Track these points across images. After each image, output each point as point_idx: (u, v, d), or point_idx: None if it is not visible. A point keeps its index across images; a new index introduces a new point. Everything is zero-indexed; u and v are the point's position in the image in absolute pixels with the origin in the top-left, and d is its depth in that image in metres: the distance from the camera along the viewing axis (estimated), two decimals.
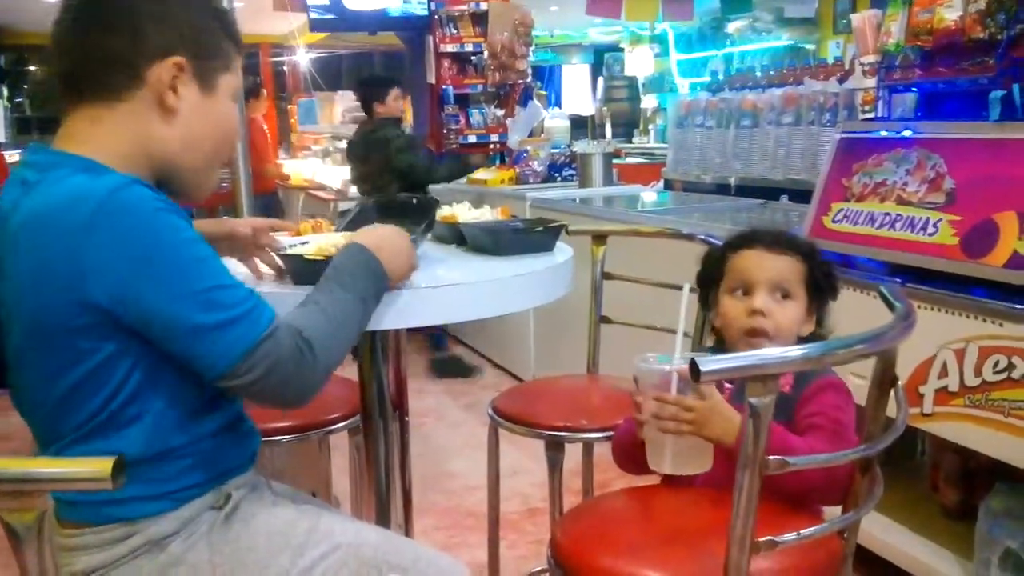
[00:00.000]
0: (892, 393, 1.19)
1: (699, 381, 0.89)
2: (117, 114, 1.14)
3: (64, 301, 1.05)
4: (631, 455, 1.42)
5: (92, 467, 0.80)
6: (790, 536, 1.05)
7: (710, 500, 1.30)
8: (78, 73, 1.15)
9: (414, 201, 1.56)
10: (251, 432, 1.31)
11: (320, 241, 1.44)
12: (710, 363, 0.90)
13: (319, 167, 7.17)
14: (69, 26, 1.15)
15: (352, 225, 1.68)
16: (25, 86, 11.35)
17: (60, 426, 1.12)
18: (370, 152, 4.59)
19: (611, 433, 1.82)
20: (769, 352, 0.97)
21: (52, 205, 1.06)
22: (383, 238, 1.30)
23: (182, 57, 1.15)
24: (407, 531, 1.72)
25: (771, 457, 0.96)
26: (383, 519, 1.67)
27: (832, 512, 1.27)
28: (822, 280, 1.45)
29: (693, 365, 0.89)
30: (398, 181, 4.54)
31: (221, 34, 1.21)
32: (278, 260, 1.44)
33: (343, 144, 7.06)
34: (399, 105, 4.80)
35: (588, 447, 2.14)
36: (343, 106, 7.27)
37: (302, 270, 1.33)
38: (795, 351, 0.99)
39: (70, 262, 1.03)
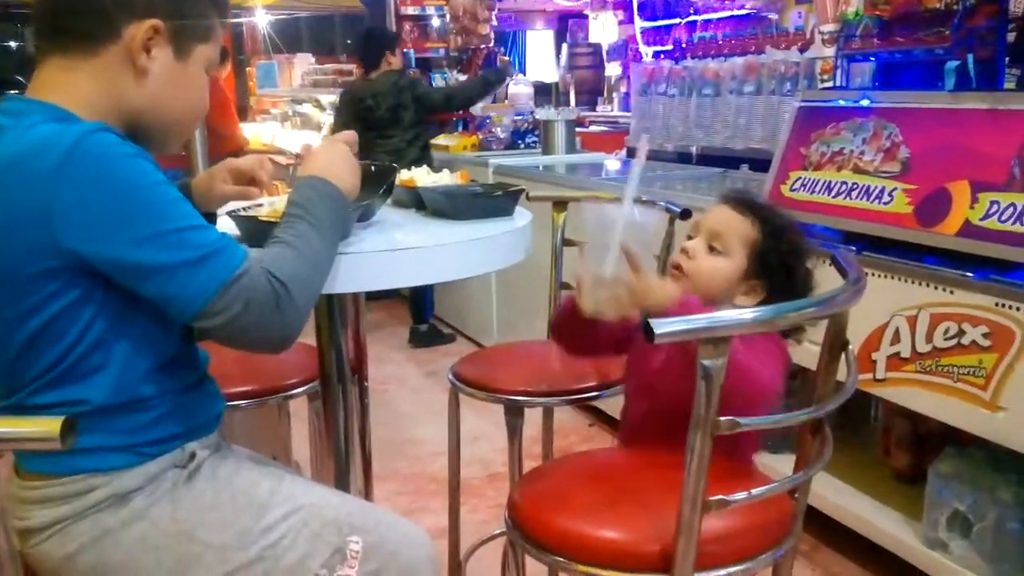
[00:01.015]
0: (843, 357, 1.21)
1: (652, 343, 0.90)
2: (89, 66, 1.15)
3: (32, 246, 1.05)
4: (568, 329, 1.49)
5: (41, 427, 0.79)
6: (741, 495, 1.07)
7: (665, 462, 1.31)
8: (57, 20, 1.16)
9: (372, 168, 1.54)
10: (216, 394, 1.31)
11: (275, 203, 1.43)
12: (663, 325, 0.91)
13: (278, 131, 7.06)
14: None
15: None
16: None
17: (23, 375, 1.12)
18: (401, 99, 4.37)
19: (571, 398, 1.84)
20: (722, 315, 0.98)
21: (21, 151, 1.06)
22: (324, 157, 1.31)
23: (161, 20, 1.15)
24: (367, 496, 1.72)
25: (722, 418, 0.98)
26: (343, 484, 1.67)
27: (783, 473, 1.30)
28: (772, 256, 1.41)
29: (647, 326, 0.90)
30: (453, 110, 4.58)
31: (208, 3, 1.22)
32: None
33: (303, 108, 6.96)
34: (400, 58, 4.74)
35: (548, 412, 2.16)
36: (302, 69, 7.15)
37: (256, 232, 1.32)
38: (747, 313, 1.00)
39: (39, 207, 1.04)
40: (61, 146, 1.04)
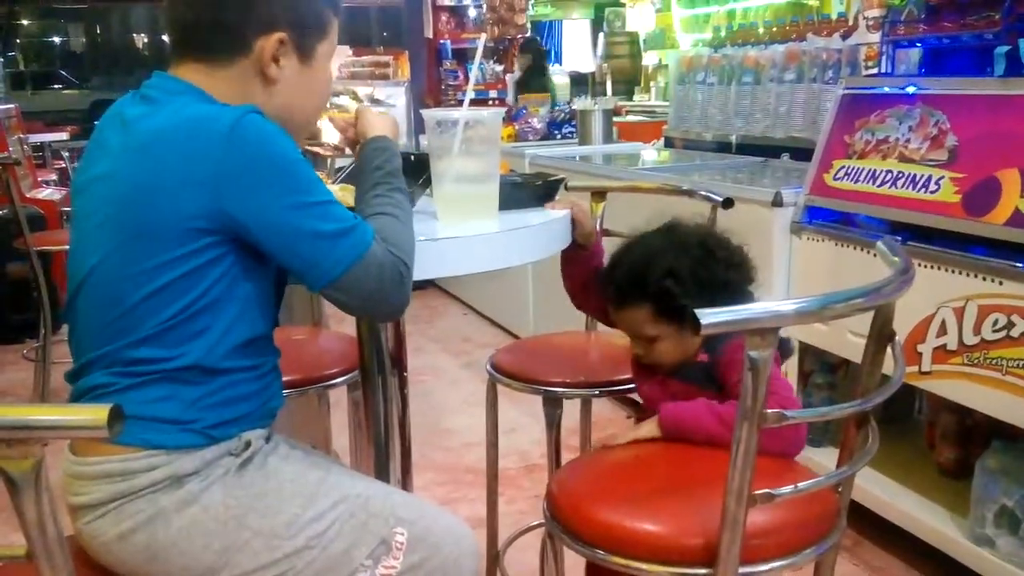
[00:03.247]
0: (889, 349, 1.18)
1: (699, 333, 0.89)
2: (224, 74, 1.23)
3: (190, 204, 1.12)
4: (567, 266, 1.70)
5: (88, 415, 0.80)
6: (787, 489, 1.05)
7: (707, 454, 1.30)
8: (191, 36, 1.23)
9: (411, 157, 1.54)
10: (279, 388, 1.33)
11: None
12: (709, 316, 0.89)
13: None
14: None
15: (349, 179, 1.67)
16: (18, 40, 11.20)
17: (135, 326, 1.15)
18: None
19: (610, 389, 1.83)
20: (766, 306, 0.96)
21: (191, 119, 1.15)
22: (390, 123, 1.41)
23: (285, 32, 1.22)
24: (405, 485, 1.73)
25: (769, 411, 0.96)
26: (382, 474, 1.68)
27: (826, 467, 1.27)
28: (673, 306, 1.40)
29: (693, 316, 0.88)
30: None
31: (326, 2, 1.28)
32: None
33: (341, 100, 6.98)
34: None
35: (586, 403, 2.15)
36: (339, 61, 7.17)
37: None
38: (790, 305, 0.98)
39: (205, 170, 1.12)
40: (225, 119, 1.13)
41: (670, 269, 1.41)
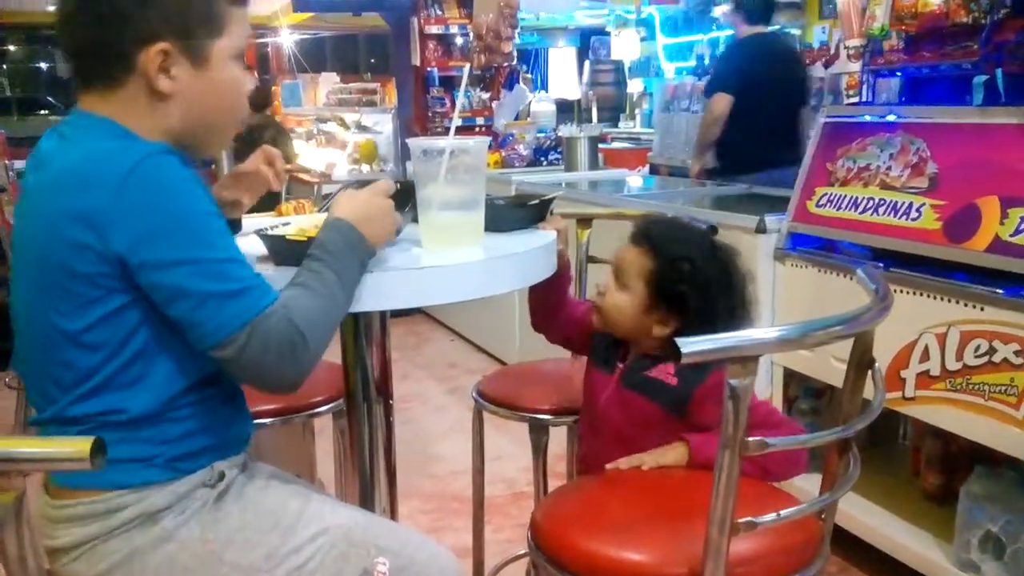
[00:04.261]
0: (870, 375, 1.19)
1: (679, 362, 0.89)
2: (119, 98, 1.16)
3: (82, 246, 1.07)
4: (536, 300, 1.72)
5: (71, 447, 0.80)
6: (769, 516, 1.05)
7: (691, 482, 1.31)
8: (80, 63, 1.18)
9: (397, 184, 1.55)
10: (247, 414, 1.32)
11: (301, 222, 1.44)
12: (690, 344, 0.90)
13: (303, 149, 7.11)
14: (63, 19, 1.18)
15: None
16: (4, 66, 11.18)
17: (63, 378, 1.13)
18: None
19: None
20: (748, 334, 0.97)
21: (85, 159, 1.09)
22: (362, 205, 1.30)
23: (167, 41, 1.14)
24: (392, 514, 1.72)
25: (751, 439, 0.97)
26: (367, 502, 1.66)
27: (810, 494, 1.28)
28: (666, 286, 1.42)
29: (674, 346, 0.89)
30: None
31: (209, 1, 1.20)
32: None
33: (328, 126, 7.02)
34: None
35: (572, 430, 2.14)
36: (327, 88, 7.21)
37: (283, 251, 1.33)
38: (772, 332, 0.99)
39: (94, 209, 1.06)
40: (127, 160, 1.07)
41: (693, 259, 1.42)
